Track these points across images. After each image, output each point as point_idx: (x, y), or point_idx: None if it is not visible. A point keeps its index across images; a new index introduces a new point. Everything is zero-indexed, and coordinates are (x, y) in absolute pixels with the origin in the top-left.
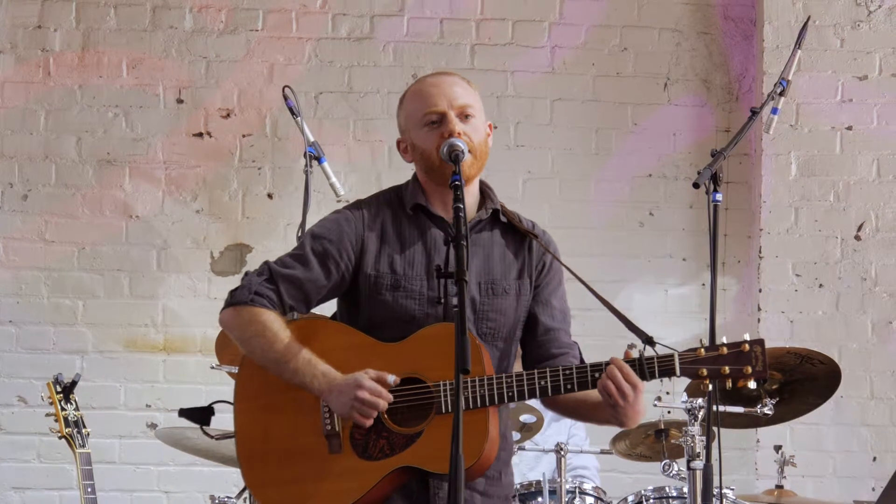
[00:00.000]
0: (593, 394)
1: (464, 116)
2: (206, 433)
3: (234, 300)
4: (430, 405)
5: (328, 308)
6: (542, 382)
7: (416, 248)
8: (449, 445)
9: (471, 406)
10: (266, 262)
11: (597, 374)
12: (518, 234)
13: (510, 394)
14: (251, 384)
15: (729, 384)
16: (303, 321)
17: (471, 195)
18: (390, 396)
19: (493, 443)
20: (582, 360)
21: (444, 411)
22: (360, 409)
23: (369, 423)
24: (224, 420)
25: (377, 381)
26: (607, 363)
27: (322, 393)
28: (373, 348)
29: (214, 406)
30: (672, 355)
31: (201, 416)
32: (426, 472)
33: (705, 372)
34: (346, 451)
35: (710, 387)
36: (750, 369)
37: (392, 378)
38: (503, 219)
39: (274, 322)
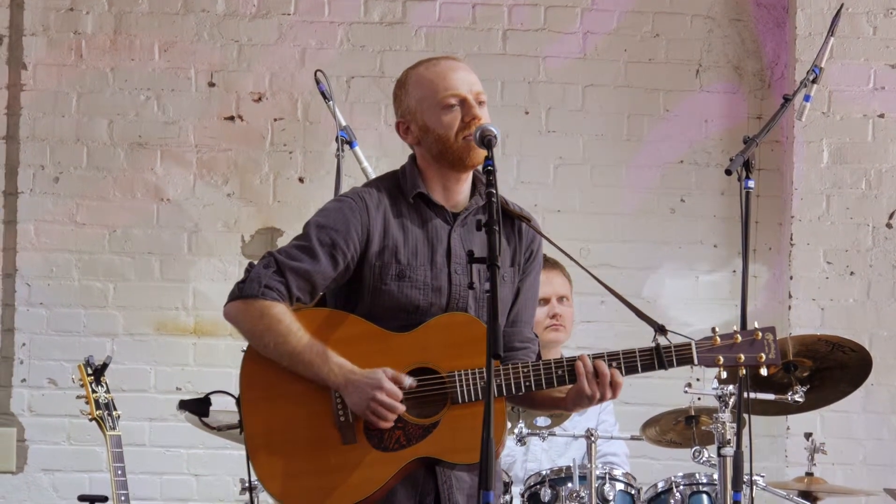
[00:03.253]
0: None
1: (479, 103)
2: (206, 424)
3: (243, 293)
4: (445, 395)
5: None
6: (559, 372)
7: (418, 236)
8: (467, 435)
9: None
10: (271, 254)
11: (614, 363)
12: (508, 221)
13: (527, 383)
14: (258, 377)
15: (743, 372)
16: (309, 311)
17: (467, 180)
18: (402, 402)
19: (504, 433)
20: (539, 356)
21: (459, 401)
22: (375, 410)
23: (386, 425)
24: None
25: (394, 382)
26: (625, 353)
27: (338, 386)
28: (382, 339)
29: (211, 396)
30: (689, 344)
31: (199, 407)
32: (436, 462)
33: (721, 360)
34: (361, 441)
35: (743, 372)
36: (763, 357)
37: (409, 381)
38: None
39: (285, 315)
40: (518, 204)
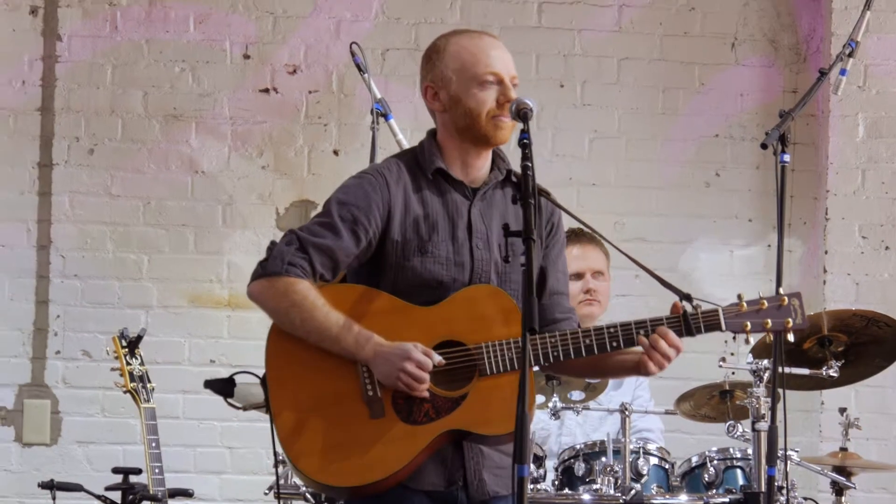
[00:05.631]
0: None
1: (513, 86)
2: (231, 405)
3: (266, 271)
4: (473, 368)
5: None
6: (587, 341)
7: (438, 212)
8: (497, 406)
9: (516, 367)
10: (293, 231)
11: (641, 331)
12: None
13: (555, 353)
14: (283, 354)
15: (770, 338)
16: (333, 287)
17: (486, 158)
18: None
19: (533, 404)
20: (579, 326)
21: (488, 373)
22: (405, 381)
23: (420, 393)
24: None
25: (425, 355)
26: (653, 321)
27: (367, 359)
28: (408, 313)
29: (235, 377)
30: (717, 310)
31: (224, 387)
32: (466, 434)
33: (749, 326)
34: (389, 415)
35: (771, 337)
36: (790, 322)
37: (438, 359)
38: (514, 179)
39: (310, 291)
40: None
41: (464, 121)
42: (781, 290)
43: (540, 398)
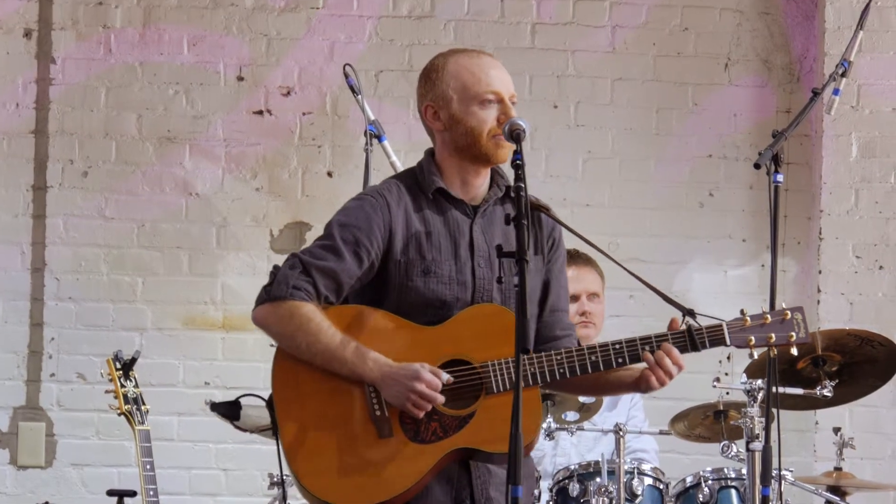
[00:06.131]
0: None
1: (512, 104)
2: (237, 427)
3: (271, 296)
4: (479, 386)
5: None
6: (593, 358)
7: (440, 231)
8: (504, 424)
9: (525, 384)
10: (295, 255)
11: (647, 348)
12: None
13: (561, 371)
14: (289, 376)
15: (774, 352)
16: (338, 309)
17: (484, 176)
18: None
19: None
20: (579, 343)
21: (494, 391)
22: (415, 402)
23: (422, 414)
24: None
25: (434, 375)
26: (658, 337)
27: (375, 381)
28: (414, 332)
29: (241, 400)
30: (721, 325)
31: (230, 410)
32: (474, 452)
33: (753, 340)
34: (398, 435)
35: (775, 352)
36: (794, 336)
37: (446, 377)
38: (513, 195)
39: (315, 314)
40: (537, 197)
41: (464, 140)
42: (784, 305)
43: None
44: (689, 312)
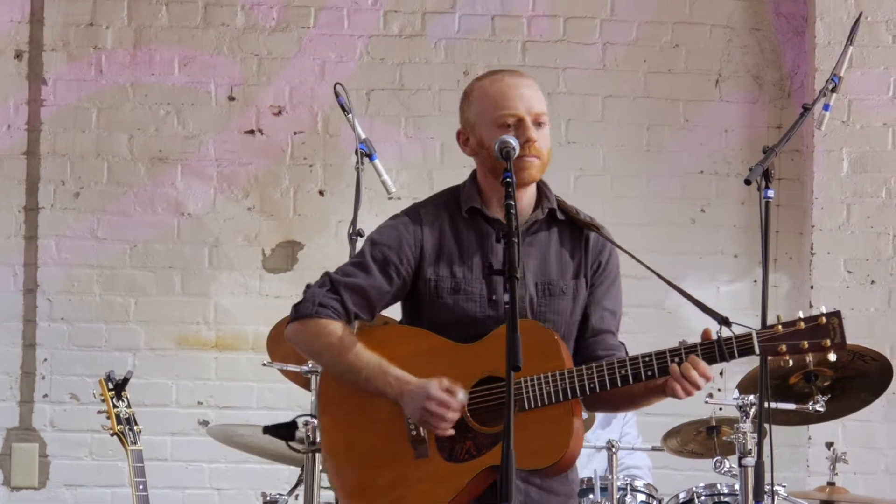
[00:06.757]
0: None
1: (538, 124)
2: (292, 448)
3: (299, 314)
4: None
5: (395, 310)
6: (623, 371)
7: (473, 250)
8: (537, 440)
9: (554, 400)
10: (327, 273)
11: (676, 359)
12: (575, 233)
13: (591, 385)
14: (332, 395)
15: (809, 358)
16: (373, 327)
17: (528, 195)
18: (458, 408)
19: (577, 437)
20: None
21: (527, 408)
22: (426, 419)
23: (443, 432)
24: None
25: (447, 392)
26: (687, 348)
27: (397, 399)
28: (448, 350)
29: (298, 420)
30: (750, 334)
31: (286, 432)
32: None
33: (784, 348)
34: (433, 455)
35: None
36: (829, 342)
37: (462, 394)
38: (560, 216)
39: (340, 331)
40: (591, 216)
41: (489, 163)
42: (823, 309)
43: None
44: (725, 321)
